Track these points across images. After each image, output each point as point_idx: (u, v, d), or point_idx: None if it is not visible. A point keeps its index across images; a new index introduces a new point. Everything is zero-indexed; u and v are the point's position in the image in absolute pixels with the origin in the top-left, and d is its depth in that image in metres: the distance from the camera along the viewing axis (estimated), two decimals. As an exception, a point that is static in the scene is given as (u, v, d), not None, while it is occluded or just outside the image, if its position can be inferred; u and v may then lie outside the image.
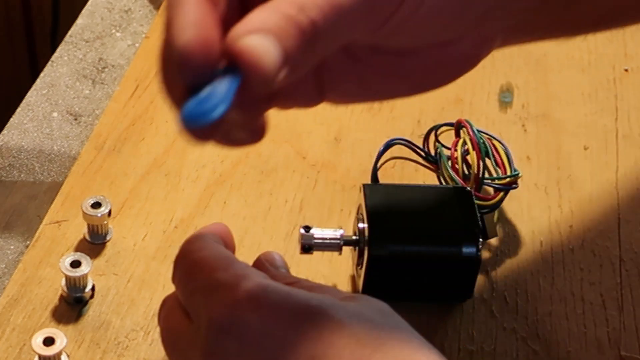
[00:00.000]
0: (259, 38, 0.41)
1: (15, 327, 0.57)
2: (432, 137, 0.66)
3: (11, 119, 0.71)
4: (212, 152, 0.68)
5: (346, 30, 0.44)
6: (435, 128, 0.66)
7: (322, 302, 0.45)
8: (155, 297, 0.59)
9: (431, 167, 0.65)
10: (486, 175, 0.61)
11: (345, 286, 0.60)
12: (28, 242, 0.62)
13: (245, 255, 0.61)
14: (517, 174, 0.61)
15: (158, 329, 0.57)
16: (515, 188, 0.61)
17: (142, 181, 0.66)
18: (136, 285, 0.59)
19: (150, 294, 0.59)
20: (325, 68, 0.49)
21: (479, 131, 0.62)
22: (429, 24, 0.47)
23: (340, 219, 0.64)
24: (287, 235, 0.63)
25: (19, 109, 0.71)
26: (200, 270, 0.47)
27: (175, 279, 0.49)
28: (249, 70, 0.41)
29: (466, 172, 0.62)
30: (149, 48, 0.76)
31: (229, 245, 0.52)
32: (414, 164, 0.66)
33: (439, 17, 0.47)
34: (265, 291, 0.45)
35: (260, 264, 0.52)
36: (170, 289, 0.59)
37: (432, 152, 0.65)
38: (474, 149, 0.61)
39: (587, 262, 0.62)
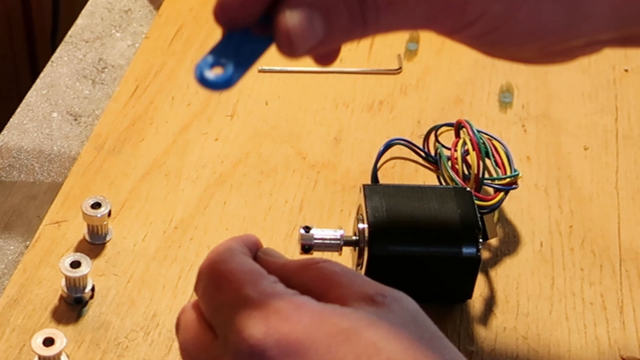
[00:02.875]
0: (303, 14, 0.44)
1: (15, 327, 0.57)
2: (432, 137, 0.66)
3: (11, 119, 0.71)
4: (212, 152, 0.68)
5: (401, 24, 0.46)
6: (435, 128, 0.66)
7: (357, 323, 0.43)
8: (155, 298, 0.59)
9: (431, 167, 0.65)
10: (486, 175, 0.61)
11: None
12: (28, 243, 0.62)
13: (245, 255, 0.61)
14: (517, 174, 0.61)
15: (158, 329, 0.57)
16: (515, 188, 0.61)
17: (142, 181, 0.66)
18: (136, 286, 0.59)
19: (150, 294, 0.59)
20: None
21: (478, 131, 0.62)
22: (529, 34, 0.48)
23: (340, 219, 0.64)
24: (287, 235, 0.63)
25: (19, 109, 0.71)
26: (228, 283, 0.45)
27: (199, 289, 0.47)
28: (281, 44, 0.44)
29: (466, 172, 0.62)
30: (149, 48, 0.76)
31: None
32: (414, 164, 0.66)
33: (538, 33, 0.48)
34: (298, 311, 0.43)
35: (264, 261, 0.49)
36: (170, 289, 0.59)
37: (432, 152, 0.65)
38: (474, 149, 0.61)
39: (587, 262, 0.62)
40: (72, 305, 0.58)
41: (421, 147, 0.66)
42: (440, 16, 0.46)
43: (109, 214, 0.61)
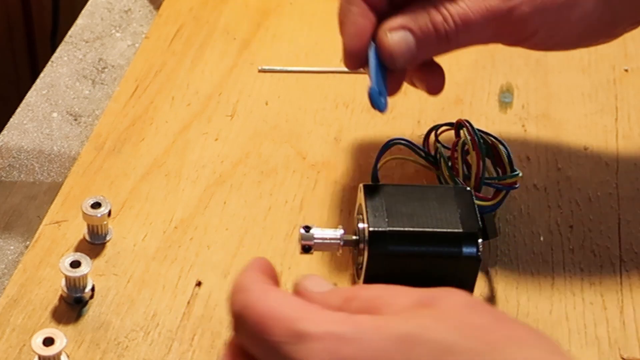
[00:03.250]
0: (401, 34, 0.58)
1: (15, 327, 0.57)
2: (432, 137, 0.66)
3: (11, 119, 0.71)
4: (212, 152, 0.68)
5: (474, 42, 0.60)
6: (435, 128, 0.66)
7: (420, 325, 0.43)
8: (155, 298, 0.59)
9: (431, 167, 0.65)
10: (486, 175, 0.61)
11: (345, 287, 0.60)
12: (28, 243, 0.62)
13: (245, 255, 0.61)
14: (517, 174, 0.61)
15: (158, 329, 0.57)
16: (515, 188, 0.61)
17: (142, 181, 0.66)
18: (136, 286, 0.59)
19: (150, 294, 0.59)
20: None
21: (479, 131, 0.62)
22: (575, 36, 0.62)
23: (340, 219, 0.64)
24: (287, 235, 0.63)
25: (19, 109, 0.71)
26: (277, 321, 0.44)
27: (242, 335, 0.46)
28: (387, 59, 0.58)
29: (466, 172, 0.62)
30: (149, 48, 0.76)
31: (275, 281, 0.49)
32: (414, 164, 0.66)
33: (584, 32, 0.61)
34: (360, 329, 0.43)
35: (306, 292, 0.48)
36: (170, 289, 0.59)
37: (432, 152, 0.65)
38: (474, 149, 0.61)
39: (587, 262, 0.62)
40: (72, 305, 0.58)
41: (421, 147, 0.66)
42: (505, 33, 0.60)
43: (109, 214, 0.61)
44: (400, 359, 0.43)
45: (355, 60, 0.60)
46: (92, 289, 0.58)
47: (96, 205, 0.61)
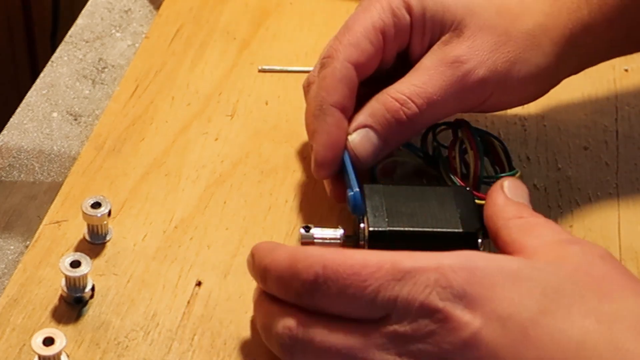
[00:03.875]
0: (362, 132, 0.59)
1: (15, 327, 0.57)
2: (430, 137, 0.66)
3: (11, 119, 0.71)
4: (212, 152, 0.68)
5: (438, 116, 0.61)
6: (433, 128, 0.66)
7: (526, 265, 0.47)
8: (155, 297, 0.59)
9: (430, 167, 0.65)
10: (485, 174, 0.61)
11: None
12: (28, 243, 0.62)
13: (245, 255, 0.61)
14: (515, 172, 0.61)
15: (158, 329, 0.57)
16: None
17: (142, 181, 0.66)
18: (136, 286, 0.59)
19: (150, 294, 0.59)
20: None
21: (476, 129, 0.62)
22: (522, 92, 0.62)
23: (340, 219, 0.64)
24: (287, 235, 0.63)
25: (19, 109, 0.71)
26: (373, 268, 0.47)
27: (325, 296, 0.47)
28: (354, 160, 0.59)
29: (464, 171, 0.62)
30: (149, 48, 0.76)
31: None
32: (412, 164, 0.66)
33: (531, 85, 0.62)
34: (473, 265, 0.47)
35: None
36: (170, 289, 0.59)
37: (431, 152, 0.65)
38: (471, 148, 0.61)
39: (587, 262, 0.62)
40: (72, 305, 0.58)
41: (419, 147, 0.66)
42: (465, 100, 0.60)
43: (109, 213, 0.61)
44: (508, 288, 0.45)
45: (327, 169, 0.60)
46: (92, 289, 0.58)
47: (96, 205, 0.61)
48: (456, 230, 0.56)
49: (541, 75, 0.61)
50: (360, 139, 0.59)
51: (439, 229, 0.56)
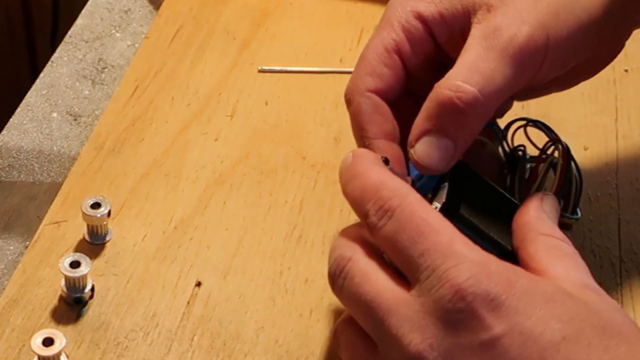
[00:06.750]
0: (423, 142, 0.52)
1: (15, 327, 0.57)
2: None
3: (11, 119, 0.71)
4: (212, 153, 0.68)
5: (500, 94, 0.52)
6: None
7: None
8: (154, 298, 0.59)
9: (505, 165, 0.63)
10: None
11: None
12: (28, 243, 0.62)
13: (245, 255, 0.61)
14: (577, 218, 0.58)
15: (157, 329, 0.57)
16: (567, 229, 0.57)
17: (142, 181, 0.66)
18: (136, 286, 0.59)
19: (150, 295, 0.59)
20: None
21: (572, 159, 0.59)
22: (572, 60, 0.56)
23: (340, 219, 0.64)
24: (287, 235, 0.63)
25: (18, 109, 0.71)
26: (427, 237, 0.47)
27: (378, 227, 0.48)
28: (425, 172, 0.53)
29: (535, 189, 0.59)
30: (149, 48, 0.76)
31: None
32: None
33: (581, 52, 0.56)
34: (496, 263, 0.46)
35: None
36: (170, 289, 0.59)
37: (510, 147, 0.63)
38: (560, 175, 0.57)
39: (587, 262, 0.62)
40: (72, 305, 0.58)
41: (502, 134, 0.64)
42: (528, 81, 0.54)
43: (109, 214, 0.61)
44: (541, 307, 0.45)
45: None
46: (92, 289, 0.58)
47: (96, 206, 0.61)
48: (507, 246, 0.54)
49: (595, 23, 0.55)
50: (423, 148, 0.52)
51: (496, 238, 0.54)
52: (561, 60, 0.55)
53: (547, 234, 0.51)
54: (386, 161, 0.52)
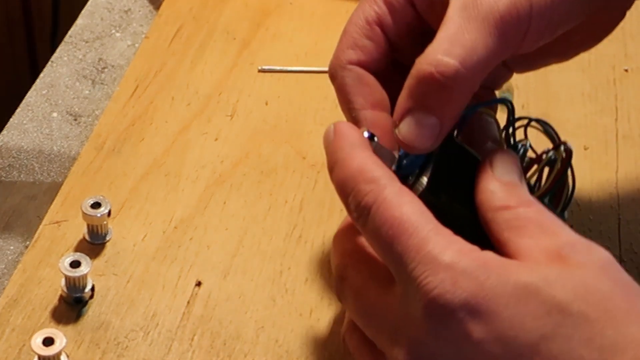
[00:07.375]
0: (407, 121, 0.49)
1: (15, 327, 0.57)
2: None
3: (11, 119, 0.71)
4: (212, 152, 0.68)
5: (485, 66, 0.50)
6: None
7: (541, 280, 0.44)
8: (154, 298, 0.59)
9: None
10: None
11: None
12: (28, 243, 0.62)
13: (245, 255, 0.61)
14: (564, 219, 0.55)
15: (157, 329, 0.57)
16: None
17: (142, 181, 0.66)
18: (136, 286, 0.59)
19: (150, 295, 0.59)
20: None
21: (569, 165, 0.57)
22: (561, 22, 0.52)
23: (340, 219, 0.64)
24: (287, 235, 0.63)
25: (18, 109, 0.71)
26: (407, 236, 0.46)
27: (364, 225, 0.47)
28: (413, 152, 0.50)
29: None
30: (149, 48, 0.76)
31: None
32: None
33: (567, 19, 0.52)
34: (484, 269, 0.44)
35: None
36: (170, 289, 0.59)
37: (512, 142, 0.63)
38: (555, 175, 0.56)
39: (587, 262, 0.62)
40: (72, 305, 0.58)
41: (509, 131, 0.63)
42: (515, 50, 0.51)
43: (109, 213, 0.61)
44: (513, 307, 0.43)
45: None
46: (92, 289, 0.58)
47: (96, 205, 0.61)
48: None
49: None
50: (407, 128, 0.49)
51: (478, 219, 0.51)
52: (548, 28, 0.52)
53: (501, 206, 0.48)
54: (371, 137, 0.50)
